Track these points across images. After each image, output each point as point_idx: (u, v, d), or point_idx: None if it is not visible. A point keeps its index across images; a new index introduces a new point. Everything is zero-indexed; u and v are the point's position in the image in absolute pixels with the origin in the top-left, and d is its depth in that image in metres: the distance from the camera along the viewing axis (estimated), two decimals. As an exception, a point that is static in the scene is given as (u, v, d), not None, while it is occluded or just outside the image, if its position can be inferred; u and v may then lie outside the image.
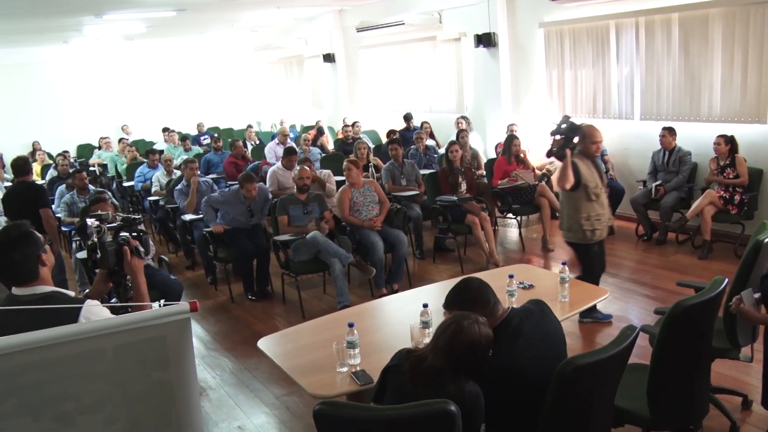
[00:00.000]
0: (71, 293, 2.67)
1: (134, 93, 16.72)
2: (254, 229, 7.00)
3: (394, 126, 11.66)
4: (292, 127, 14.55)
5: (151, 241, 3.35)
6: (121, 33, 13.91)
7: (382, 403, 2.61)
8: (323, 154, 10.54)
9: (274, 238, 6.51)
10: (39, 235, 2.68)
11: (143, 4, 10.11)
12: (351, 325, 3.39)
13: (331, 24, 14.08)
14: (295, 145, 10.06)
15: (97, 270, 3.07)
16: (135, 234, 3.12)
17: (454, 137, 9.23)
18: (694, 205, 7.00)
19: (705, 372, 3.35)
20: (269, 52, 17.26)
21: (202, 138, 14.25)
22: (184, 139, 12.49)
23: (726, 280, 3.20)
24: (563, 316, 3.81)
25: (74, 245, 7.20)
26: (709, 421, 3.67)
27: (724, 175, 6.92)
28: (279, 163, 8.21)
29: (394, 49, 12.85)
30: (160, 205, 8.77)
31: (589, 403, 2.77)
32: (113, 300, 3.32)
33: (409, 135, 10.62)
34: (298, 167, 6.94)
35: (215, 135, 11.99)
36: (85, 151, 15.08)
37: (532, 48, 9.65)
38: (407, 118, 11.64)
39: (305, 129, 13.78)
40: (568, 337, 3.03)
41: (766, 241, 3.60)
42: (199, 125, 15.19)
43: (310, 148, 10.45)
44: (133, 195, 10.39)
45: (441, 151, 9.38)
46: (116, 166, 12.07)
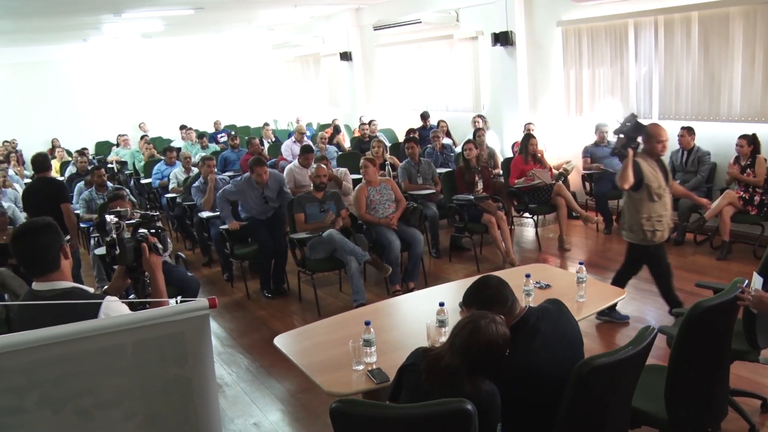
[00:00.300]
0: (90, 289, 2.70)
1: (152, 91, 16.83)
2: (275, 226, 6.97)
3: (411, 125, 11.66)
4: (309, 126, 14.58)
5: (168, 238, 3.36)
6: (140, 31, 13.99)
7: (398, 401, 2.61)
8: (339, 153, 10.55)
9: (291, 236, 6.53)
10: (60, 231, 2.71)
11: (162, 3, 10.16)
12: (367, 323, 3.39)
13: (348, 22, 14.09)
14: (311, 144, 10.08)
15: (115, 266, 3.09)
16: (153, 231, 3.14)
17: (470, 136, 9.21)
18: (713, 206, 6.93)
19: (724, 374, 3.31)
20: (286, 50, 17.29)
21: (219, 136, 14.32)
22: (201, 136, 12.57)
23: (746, 282, 3.17)
24: (580, 316, 3.79)
25: (92, 241, 7.27)
26: (728, 424, 3.64)
27: (745, 175, 6.86)
28: (296, 161, 8.22)
29: (411, 47, 12.83)
30: (177, 202, 8.82)
31: (605, 404, 2.76)
32: (131, 296, 3.35)
33: (425, 134, 10.61)
34: (315, 165, 6.94)
35: (232, 133, 12.04)
36: (104, 148, 15.21)
37: (550, 47, 9.60)
38: (424, 116, 11.62)
39: (321, 127, 13.80)
40: (585, 338, 3.02)
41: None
42: (216, 123, 15.26)
43: (327, 146, 10.46)
44: (151, 192, 10.46)
45: (457, 149, 9.37)
46: (134, 164, 12.16)
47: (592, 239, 8.15)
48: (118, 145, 14.04)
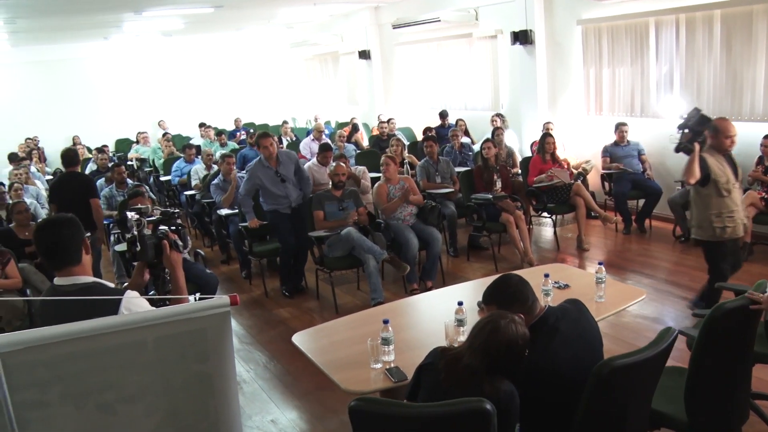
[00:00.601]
0: (111, 284, 2.71)
1: (171, 88, 16.93)
2: (298, 224, 6.78)
3: (429, 123, 11.64)
4: (327, 124, 14.61)
5: (187, 235, 3.39)
6: (160, 29, 14.08)
7: (416, 401, 2.61)
8: (358, 151, 10.57)
9: (309, 233, 6.54)
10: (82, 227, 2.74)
11: (182, 1, 10.22)
12: (386, 322, 3.39)
13: (367, 21, 14.10)
14: (330, 142, 10.10)
15: (135, 263, 3.12)
16: (173, 228, 3.16)
17: (489, 135, 9.19)
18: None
19: (745, 377, 3.27)
20: (305, 49, 17.32)
21: (238, 133, 14.39)
22: (220, 134, 12.63)
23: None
24: (599, 317, 3.77)
25: (112, 238, 7.33)
26: (749, 428, 3.59)
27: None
28: (314, 159, 8.24)
29: (429, 46, 12.81)
30: (197, 199, 8.87)
31: (625, 405, 2.74)
32: (151, 292, 3.37)
33: (444, 132, 10.60)
34: (334, 164, 6.95)
35: (251, 131, 12.09)
36: (124, 145, 15.33)
37: (570, 46, 9.55)
38: (443, 115, 11.60)
39: (340, 125, 13.82)
40: (604, 338, 3.00)
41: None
42: (236, 120, 15.30)
43: (345, 144, 10.48)
44: (170, 189, 10.53)
45: (476, 148, 9.35)
46: (154, 161, 12.24)
47: (611, 239, 8.10)
48: (137, 143, 14.15)
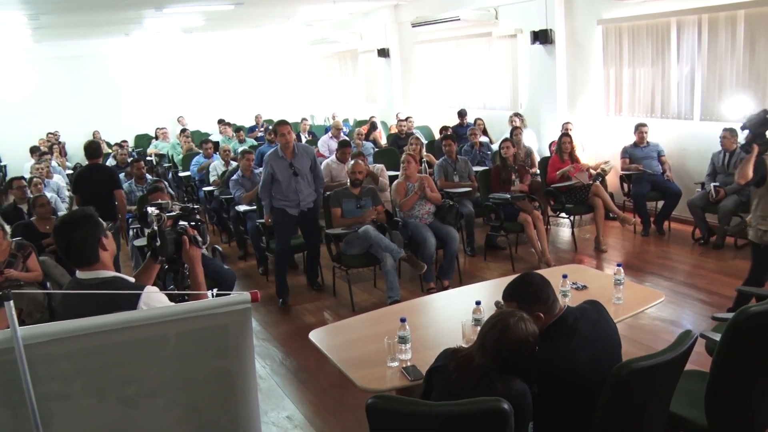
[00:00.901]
0: (131, 279, 2.74)
1: (191, 85, 17.02)
2: (307, 226, 6.77)
3: (447, 122, 11.62)
4: (345, 122, 14.62)
5: (206, 231, 3.40)
6: (180, 26, 14.15)
7: None
8: (376, 149, 10.57)
9: (327, 231, 6.56)
10: (102, 221, 2.76)
11: (203, -2, 10.28)
12: (403, 320, 3.40)
13: (387, 19, 14.09)
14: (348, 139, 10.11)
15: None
16: (193, 223, 3.18)
17: (507, 135, 9.16)
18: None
19: (768, 382, 3.25)
20: (324, 46, 17.34)
21: (256, 129, 14.44)
22: (238, 130, 12.69)
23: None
24: (617, 319, 3.74)
25: (131, 233, 7.39)
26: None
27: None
28: (333, 156, 8.25)
29: (449, 44, 12.78)
30: (215, 195, 8.91)
31: (643, 408, 2.72)
32: (170, 287, 3.39)
33: (462, 131, 10.58)
34: (352, 161, 6.96)
35: (269, 127, 12.12)
36: (143, 141, 15.43)
37: (590, 46, 9.49)
38: (461, 114, 11.58)
39: (358, 123, 13.83)
40: (622, 340, 2.98)
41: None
42: (257, 117, 15.35)
43: (363, 142, 10.49)
44: (188, 185, 10.59)
45: (494, 147, 9.33)
46: (172, 156, 12.32)
47: (629, 241, 8.05)
48: (156, 138, 14.25)
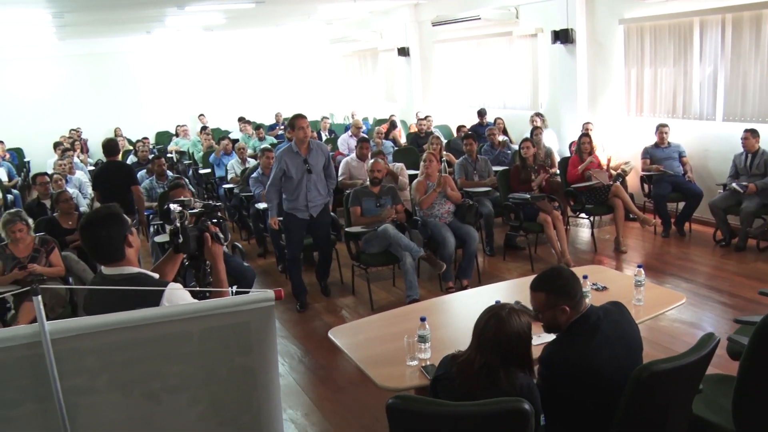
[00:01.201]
0: (156, 275, 2.77)
1: (211, 83, 17.13)
2: (319, 231, 6.58)
3: (467, 121, 11.60)
4: (365, 120, 14.64)
5: (227, 228, 3.43)
6: (201, 24, 14.24)
7: None
8: (395, 148, 10.58)
9: (346, 229, 6.57)
10: (126, 217, 2.79)
11: (224, -3, 10.35)
12: (423, 320, 3.40)
13: (407, 18, 14.08)
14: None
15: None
16: (214, 221, 3.21)
17: (528, 134, 9.13)
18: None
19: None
20: (344, 45, 17.38)
21: (276, 127, 14.50)
22: (258, 128, 12.75)
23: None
24: (637, 321, 3.72)
25: (152, 229, 7.46)
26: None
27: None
28: (353, 154, 8.27)
29: (469, 44, 12.75)
30: (235, 192, 8.96)
31: (664, 410, 2.71)
32: (191, 284, 3.42)
33: (481, 131, 10.56)
34: (372, 160, 6.97)
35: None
36: (164, 138, 15.55)
37: (611, 45, 9.42)
38: (481, 113, 11.56)
39: (377, 122, 13.84)
40: (643, 342, 2.98)
41: None
42: (277, 115, 15.41)
43: (383, 141, 10.50)
44: (208, 182, 10.67)
45: (514, 147, 9.30)
46: (193, 154, 12.41)
47: (649, 242, 8.00)
48: (177, 136, 14.35)
